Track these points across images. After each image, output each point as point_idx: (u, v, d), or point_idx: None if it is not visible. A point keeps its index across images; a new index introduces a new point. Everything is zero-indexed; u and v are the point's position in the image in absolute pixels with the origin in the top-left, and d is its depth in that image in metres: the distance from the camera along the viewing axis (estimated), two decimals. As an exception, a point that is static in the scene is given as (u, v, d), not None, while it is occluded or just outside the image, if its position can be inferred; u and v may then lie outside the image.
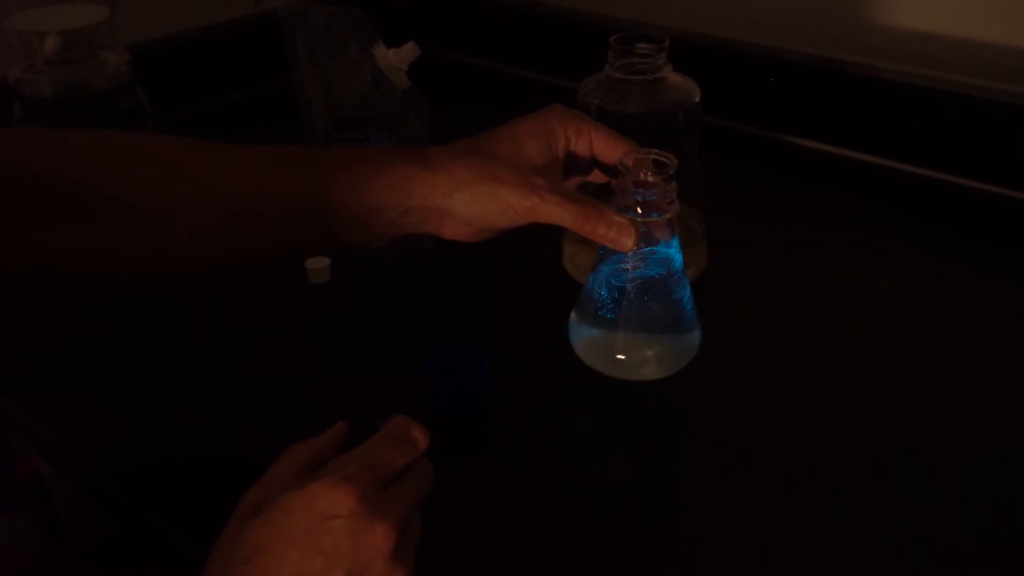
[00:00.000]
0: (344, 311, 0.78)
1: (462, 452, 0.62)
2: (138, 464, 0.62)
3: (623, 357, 0.63)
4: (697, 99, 0.72)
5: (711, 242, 0.77)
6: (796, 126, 0.97)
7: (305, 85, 0.81)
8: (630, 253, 0.60)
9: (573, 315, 0.65)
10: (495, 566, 0.55)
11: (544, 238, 0.86)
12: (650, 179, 0.58)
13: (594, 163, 0.64)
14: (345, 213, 0.59)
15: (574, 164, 0.64)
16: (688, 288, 0.63)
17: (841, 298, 0.76)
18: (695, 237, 0.76)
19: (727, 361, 0.70)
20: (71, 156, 0.59)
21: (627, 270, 0.61)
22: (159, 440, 0.64)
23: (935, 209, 0.88)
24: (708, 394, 0.68)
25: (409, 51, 0.80)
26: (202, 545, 0.57)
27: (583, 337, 0.65)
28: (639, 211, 0.58)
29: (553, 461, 0.63)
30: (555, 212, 0.59)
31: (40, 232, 0.56)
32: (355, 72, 0.79)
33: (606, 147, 0.63)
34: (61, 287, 0.60)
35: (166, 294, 0.81)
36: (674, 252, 0.62)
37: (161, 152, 0.61)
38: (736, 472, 0.61)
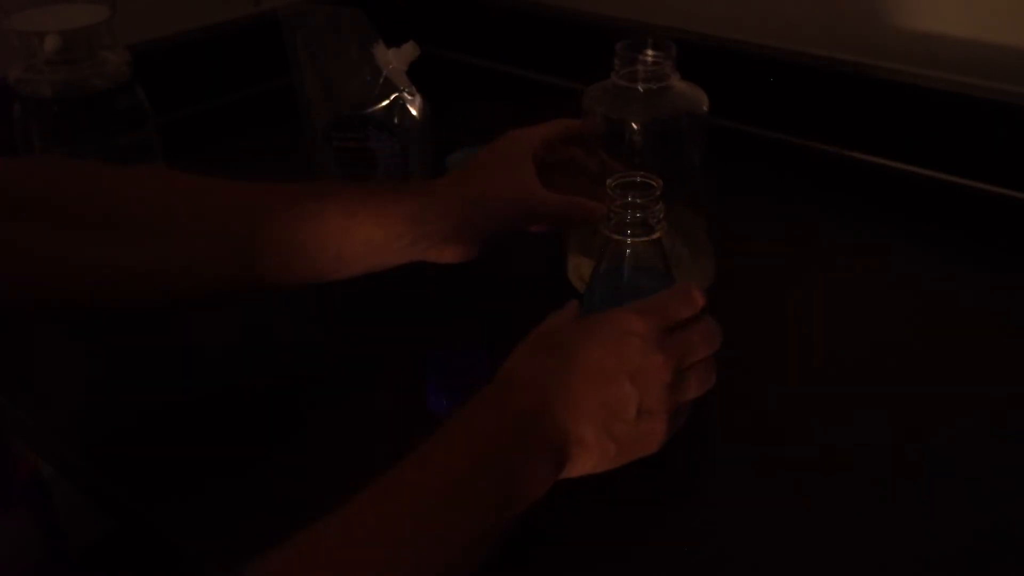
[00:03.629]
0: (344, 311, 0.78)
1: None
2: (138, 464, 0.62)
3: None
4: (705, 108, 0.71)
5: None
6: (796, 126, 0.97)
7: (305, 85, 0.81)
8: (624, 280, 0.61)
9: None
10: (494, 565, 0.55)
11: (543, 239, 0.86)
12: (638, 201, 0.58)
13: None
14: (360, 242, 0.63)
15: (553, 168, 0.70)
16: None
17: (841, 298, 0.76)
18: (701, 249, 0.75)
19: (727, 361, 0.69)
20: (112, 184, 0.64)
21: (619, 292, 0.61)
22: (159, 440, 0.64)
23: (935, 209, 0.88)
24: (708, 393, 0.68)
25: (409, 51, 0.80)
26: (202, 545, 0.57)
27: None
28: (628, 232, 0.59)
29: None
30: (548, 200, 0.66)
31: (83, 251, 0.60)
32: (355, 72, 0.79)
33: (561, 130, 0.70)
34: (96, 303, 0.63)
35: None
36: (662, 282, 0.61)
37: (193, 188, 0.65)
38: (737, 472, 0.61)
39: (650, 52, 0.70)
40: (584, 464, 0.54)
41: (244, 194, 0.64)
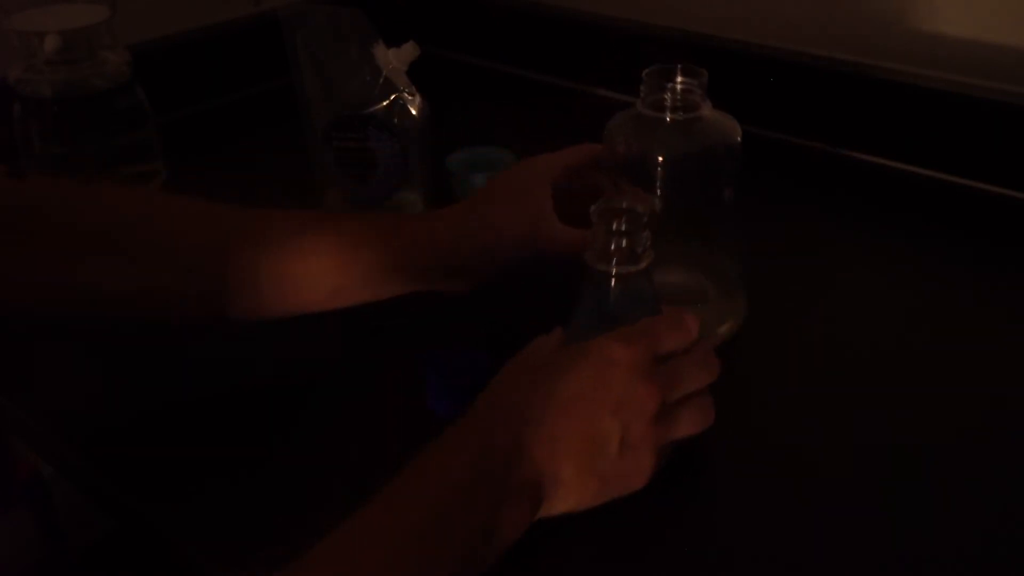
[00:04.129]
0: (344, 311, 0.78)
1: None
2: (138, 464, 0.62)
3: None
4: (738, 138, 0.66)
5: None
6: (796, 126, 0.97)
7: (305, 85, 0.81)
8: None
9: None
10: (493, 565, 0.55)
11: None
12: (623, 228, 0.56)
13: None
14: (370, 272, 0.63)
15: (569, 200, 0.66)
16: None
17: (841, 298, 0.76)
18: (731, 288, 0.71)
19: (728, 361, 0.69)
20: (94, 205, 0.63)
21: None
22: (159, 440, 0.64)
23: (935, 209, 0.88)
24: (712, 396, 0.68)
25: (409, 51, 0.80)
26: (202, 546, 0.57)
27: None
28: (614, 261, 0.56)
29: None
30: (560, 236, 0.63)
31: (68, 271, 0.60)
32: (355, 72, 0.79)
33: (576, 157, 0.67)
34: (82, 321, 0.65)
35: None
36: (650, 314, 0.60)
37: (182, 209, 0.65)
38: (738, 472, 0.60)
39: (680, 79, 0.66)
40: (563, 503, 0.52)
41: (244, 222, 0.64)
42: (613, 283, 0.57)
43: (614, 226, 0.56)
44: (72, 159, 0.91)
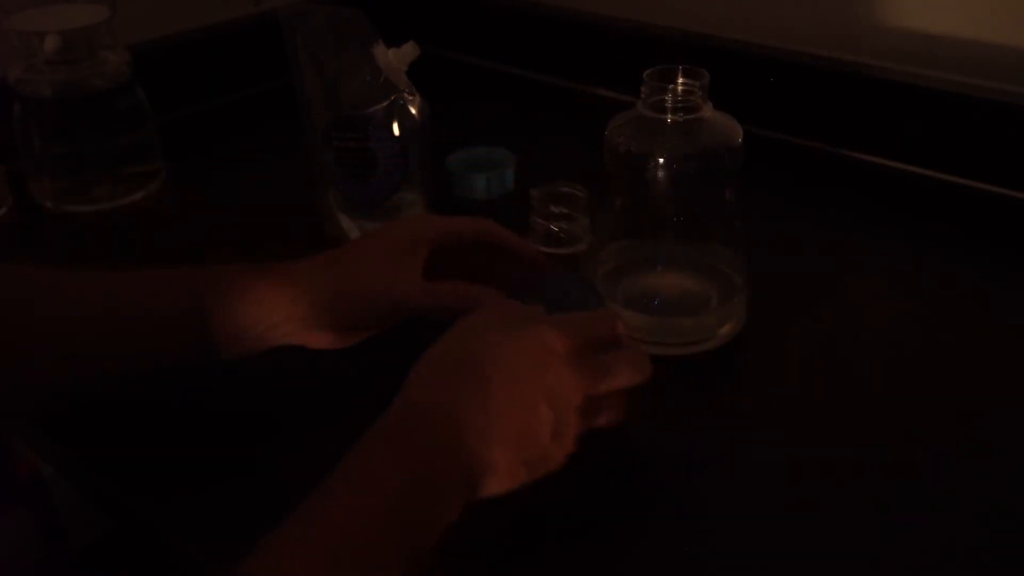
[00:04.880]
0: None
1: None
2: (138, 464, 0.62)
3: None
4: (739, 140, 0.67)
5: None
6: (795, 126, 0.97)
7: (305, 85, 0.81)
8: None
9: None
10: (493, 565, 0.55)
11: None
12: (563, 211, 0.57)
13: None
14: (220, 330, 0.61)
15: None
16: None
17: (842, 298, 0.76)
18: (734, 291, 0.71)
19: (729, 362, 0.70)
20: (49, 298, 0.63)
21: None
22: (159, 440, 0.64)
23: (934, 209, 0.88)
24: (710, 396, 0.68)
25: (409, 51, 0.80)
26: (202, 546, 0.57)
27: None
28: (553, 245, 0.57)
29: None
30: (419, 299, 0.62)
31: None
32: (355, 72, 0.79)
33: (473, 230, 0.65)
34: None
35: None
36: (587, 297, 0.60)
37: (57, 284, 0.64)
38: (740, 474, 0.60)
39: (680, 80, 0.66)
40: (493, 488, 0.52)
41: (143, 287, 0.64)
42: (552, 267, 0.58)
43: (552, 208, 0.56)
44: (72, 159, 0.91)
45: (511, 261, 0.66)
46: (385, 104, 0.79)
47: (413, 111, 0.80)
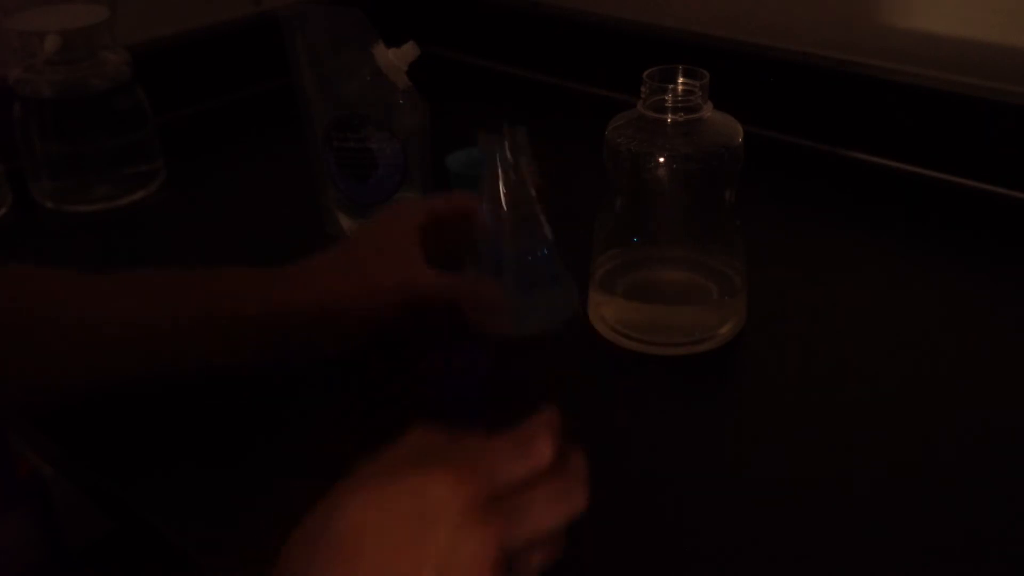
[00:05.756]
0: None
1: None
2: (138, 464, 0.62)
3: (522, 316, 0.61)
4: (739, 140, 0.66)
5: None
6: (796, 126, 0.97)
7: (305, 85, 0.81)
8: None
9: None
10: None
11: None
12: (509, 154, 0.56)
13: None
14: (243, 337, 0.61)
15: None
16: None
17: (842, 299, 0.76)
18: (734, 290, 0.70)
19: (729, 362, 0.70)
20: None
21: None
22: (159, 440, 0.64)
23: (934, 209, 0.88)
24: (710, 396, 0.68)
25: (409, 51, 0.80)
26: (201, 546, 0.57)
27: None
28: (502, 191, 0.57)
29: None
30: (431, 277, 0.61)
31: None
32: (355, 72, 0.79)
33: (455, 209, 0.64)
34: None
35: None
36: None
37: (68, 286, 0.63)
38: (740, 474, 0.60)
39: (681, 80, 0.65)
40: None
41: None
42: (505, 214, 0.57)
43: (501, 154, 0.56)
44: (72, 159, 0.91)
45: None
46: (385, 104, 0.79)
47: (413, 111, 0.80)
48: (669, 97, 0.66)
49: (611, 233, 0.71)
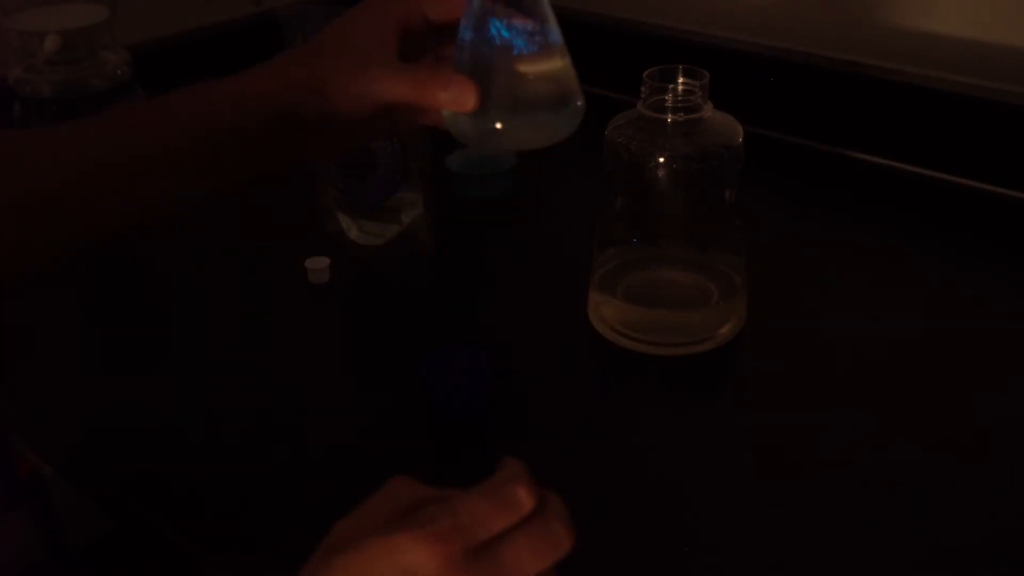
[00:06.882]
0: (344, 311, 0.78)
1: (461, 452, 0.62)
2: (138, 464, 0.62)
3: (499, 125, 0.56)
4: (739, 140, 0.66)
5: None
6: (796, 126, 0.97)
7: (305, 85, 0.81)
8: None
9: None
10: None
11: (545, 234, 0.86)
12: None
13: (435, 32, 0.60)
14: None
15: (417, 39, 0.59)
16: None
17: (843, 298, 0.76)
18: (734, 290, 0.71)
19: (729, 362, 0.70)
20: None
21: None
22: (159, 440, 0.64)
23: (935, 209, 0.88)
24: (710, 396, 0.68)
25: (409, 51, 0.79)
26: (201, 546, 0.57)
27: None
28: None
29: (553, 461, 0.62)
30: (391, 88, 0.56)
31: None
32: (355, 72, 0.79)
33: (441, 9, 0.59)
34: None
35: (166, 293, 0.81)
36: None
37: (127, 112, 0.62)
38: (740, 474, 0.60)
39: (681, 80, 0.65)
40: None
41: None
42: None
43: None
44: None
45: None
46: (385, 104, 0.79)
47: (413, 111, 0.80)
48: (669, 97, 0.66)
49: (611, 233, 0.71)
